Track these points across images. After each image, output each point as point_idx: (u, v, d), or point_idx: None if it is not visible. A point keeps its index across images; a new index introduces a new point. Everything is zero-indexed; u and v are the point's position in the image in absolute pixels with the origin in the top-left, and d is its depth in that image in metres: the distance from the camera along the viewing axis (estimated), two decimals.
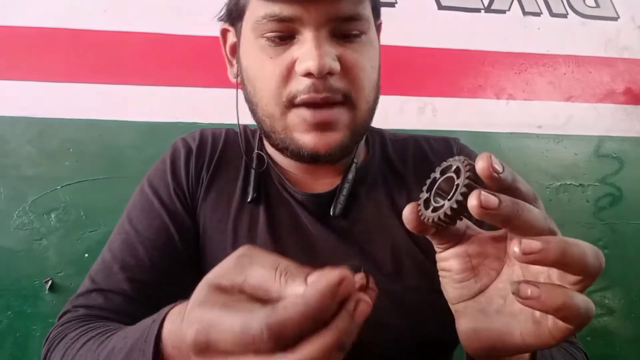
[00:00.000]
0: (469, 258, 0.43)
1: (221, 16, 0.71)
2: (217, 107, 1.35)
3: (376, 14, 0.68)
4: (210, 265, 0.70)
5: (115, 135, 1.35)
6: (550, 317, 0.37)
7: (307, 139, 0.62)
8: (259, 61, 0.62)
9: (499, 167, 0.35)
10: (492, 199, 0.34)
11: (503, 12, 1.55)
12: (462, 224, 0.43)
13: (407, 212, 0.41)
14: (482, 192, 0.34)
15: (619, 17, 1.60)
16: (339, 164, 0.71)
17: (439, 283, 0.47)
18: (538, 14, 1.56)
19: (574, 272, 0.36)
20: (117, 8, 1.36)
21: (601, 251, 0.36)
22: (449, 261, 0.44)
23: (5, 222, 1.30)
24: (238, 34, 0.68)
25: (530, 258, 0.34)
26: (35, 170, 1.32)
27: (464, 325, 0.44)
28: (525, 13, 1.56)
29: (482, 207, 0.34)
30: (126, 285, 0.64)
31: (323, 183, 0.72)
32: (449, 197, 0.37)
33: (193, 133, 0.79)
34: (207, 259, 0.70)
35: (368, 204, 0.72)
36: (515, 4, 1.55)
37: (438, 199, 0.40)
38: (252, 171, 0.72)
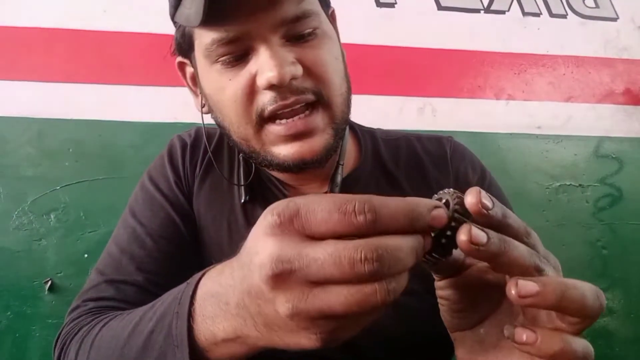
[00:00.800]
0: (468, 288, 0.41)
1: (173, 51, 0.71)
2: None
3: (325, 4, 0.66)
4: (208, 260, 0.68)
5: (115, 135, 1.35)
6: None
7: (289, 150, 0.60)
8: (219, 86, 0.61)
9: (488, 203, 0.34)
10: (481, 235, 0.33)
11: (502, 12, 1.55)
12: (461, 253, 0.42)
13: None
14: (472, 228, 0.33)
15: (618, 18, 1.60)
16: (325, 168, 0.70)
17: (434, 284, 0.46)
18: (537, 15, 1.56)
19: (573, 315, 0.34)
20: (116, 8, 1.36)
21: (602, 291, 0.35)
22: (446, 290, 0.42)
23: (5, 223, 1.30)
24: (194, 64, 0.67)
25: (527, 301, 0.33)
26: (35, 171, 1.32)
27: (461, 354, 0.43)
28: (524, 13, 1.56)
29: (472, 242, 0.33)
30: (137, 276, 0.64)
31: (312, 187, 0.72)
32: (436, 233, 0.35)
33: (189, 130, 0.79)
34: (205, 255, 0.70)
35: None
36: (515, 4, 1.55)
37: None
38: (242, 173, 0.72)
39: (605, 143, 1.59)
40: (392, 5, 1.49)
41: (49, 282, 1.30)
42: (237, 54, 0.58)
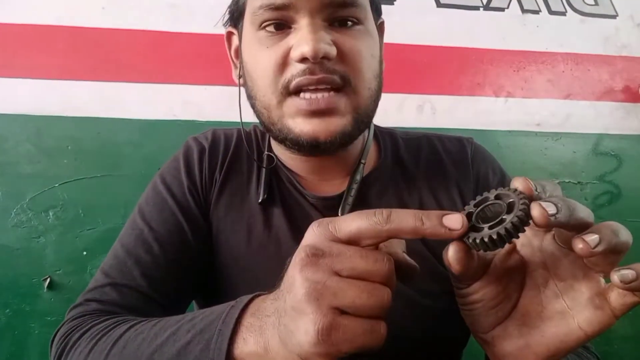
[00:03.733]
0: (497, 280, 0.43)
1: (225, 21, 0.73)
2: (215, 105, 1.35)
3: (376, 11, 0.68)
4: (224, 265, 0.70)
5: (114, 132, 1.35)
6: (614, 297, 0.38)
7: (305, 126, 0.61)
8: (257, 52, 0.63)
9: (552, 210, 0.36)
10: (551, 205, 0.35)
11: (502, 9, 1.55)
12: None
13: (453, 252, 0.40)
14: (541, 202, 0.35)
15: (617, 15, 1.59)
16: (346, 163, 0.71)
17: (450, 285, 0.46)
18: (537, 12, 1.56)
19: (621, 252, 0.37)
20: (115, 6, 1.36)
21: None
22: (480, 292, 0.44)
23: (4, 220, 1.30)
24: (240, 34, 0.68)
25: (598, 250, 0.36)
26: (34, 168, 1.32)
27: (509, 346, 0.43)
28: (524, 11, 1.56)
29: (547, 215, 0.35)
30: (141, 281, 0.64)
31: (332, 185, 0.72)
32: (501, 217, 0.37)
33: (205, 133, 0.78)
34: (221, 260, 0.70)
35: (379, 207, 0.70)
36: (514, 1, 1.55)
37: (480, 221, 0.39)
38: (262, 172, 0.72)
39: (604, 140, 1.59)
40: (391, 2, 1.49)
41: (48, 280, 1.30)
42: (280, 22, 0.61)
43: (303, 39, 0.58)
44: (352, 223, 0.38)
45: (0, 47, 1.31)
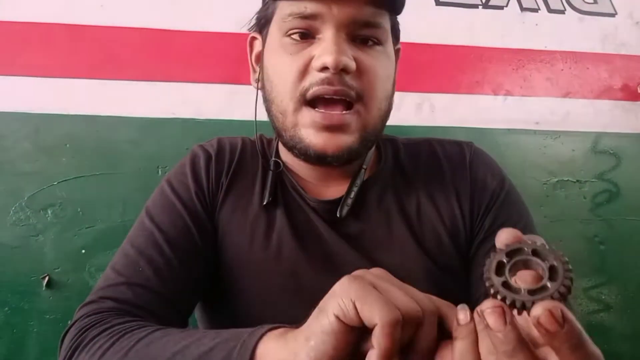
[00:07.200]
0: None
1: (251, 26, 0.76)
2: (214, 103, 1.35)
3: (395, 36, 0.72)
4: (229, 264, 0.73)
5: (112, 130, 1.34)
6: None
7: (316, 139, 0.64)
8: (280, 58, 0.66)
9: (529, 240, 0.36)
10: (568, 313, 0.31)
11: (501, 8, 1.55)
12: None
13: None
14: (560, 305, 0.30)
15: (616, 14, 1.59)
16: (349, 170, 0.74)
17: (446, 288, 0.47)
18: (536, 10, 1.56)
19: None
20: (114, 3, 1.35)
21: None
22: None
23: (2, 218, 1.30)
24: (264, 40, 0.72)
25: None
26: (32, 166, 1.32)
27: None
28: (522, 9, 1.56)
29: (558, 321, 0.30)
30: (154, 282, 0.66)
31: (334, 189, 0.75)
32: (544, 284, 0.32)
33: (211, 141, 0.81)
34: (225, 259, 0.72)
35: (378, 210, 0.74)
36: (513, 0, 1.55)
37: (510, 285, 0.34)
38: (269, 176, 0.74)
39: (603, 139, 1.59)
40: None
41: (47, 278, 1.30)
42: (306, 31, 0.64)
43: (326, 50, 0.61)
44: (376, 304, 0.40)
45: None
